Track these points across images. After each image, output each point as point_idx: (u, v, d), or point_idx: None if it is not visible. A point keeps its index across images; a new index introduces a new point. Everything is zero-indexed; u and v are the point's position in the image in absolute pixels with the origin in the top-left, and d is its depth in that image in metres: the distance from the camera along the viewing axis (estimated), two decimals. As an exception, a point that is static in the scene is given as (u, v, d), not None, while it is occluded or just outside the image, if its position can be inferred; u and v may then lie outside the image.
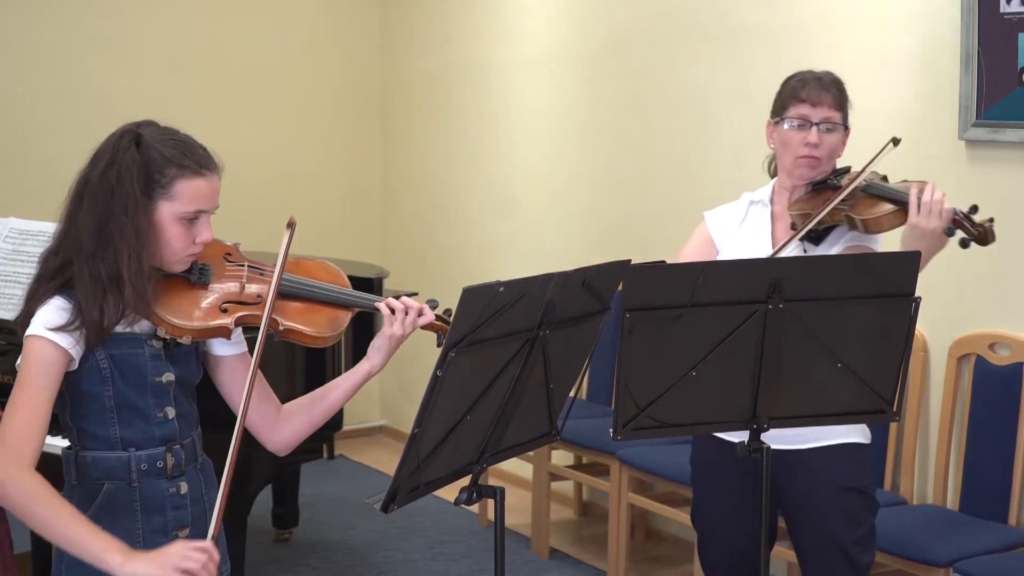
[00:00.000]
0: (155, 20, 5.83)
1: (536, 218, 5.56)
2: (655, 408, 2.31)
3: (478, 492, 2.13)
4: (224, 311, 2.15)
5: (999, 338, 3.64)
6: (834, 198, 2.68)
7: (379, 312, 2.24)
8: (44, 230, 3.50)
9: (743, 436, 2.70)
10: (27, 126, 5.55)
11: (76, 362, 2.07)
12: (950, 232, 2.56)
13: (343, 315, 2.25)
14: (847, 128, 2.81)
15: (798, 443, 2.75)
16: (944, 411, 3.75)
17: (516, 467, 5.17)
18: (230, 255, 2.25)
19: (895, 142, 2.75)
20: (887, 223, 2.65)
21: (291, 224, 2.16)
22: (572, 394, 2.33)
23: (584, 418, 4.52)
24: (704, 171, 4.65)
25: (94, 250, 2.06)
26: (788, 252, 2.72)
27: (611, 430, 2.33)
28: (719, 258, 2.86)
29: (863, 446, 2.81)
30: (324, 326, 2.23)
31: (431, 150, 6.25)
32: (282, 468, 4.46)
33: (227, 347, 2.26)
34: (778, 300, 2.26)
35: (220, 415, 2.29)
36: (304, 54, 6.25)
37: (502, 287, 1.95)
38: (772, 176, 2.94)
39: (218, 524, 2.02)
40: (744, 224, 2.89)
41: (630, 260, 2.24)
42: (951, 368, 3.74)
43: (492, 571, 2.21)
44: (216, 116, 5.51)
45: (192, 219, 2.11)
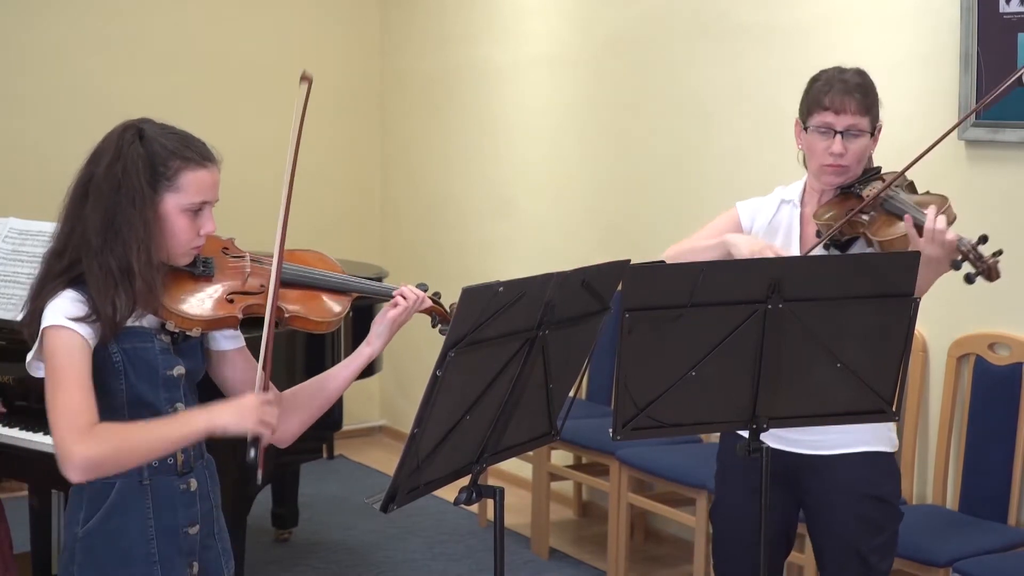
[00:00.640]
0: (155, 20, 5.83)
1: (535, 218, 5.56)
2: (655, 408, 2.31)
3: (478, 492, 2.13)
4: (230, 302, 2.19)
5: (999, 338, 3.64)
6: (855, 208, 2.65)
7: (382, 298, 2.35)
8: (44, 230, 3.49)
9: (765, 436, 2.69)
10: (27, 126, 5.55)
11: (91, 355, 2.08)
12: (956, 266, 2.54)
13: (344, 300, 2.33)
14: (876, 128, 2.74)
15: (823, 449, 2.73)
16: (944, 411, 3.75)
17: (516, 467, 5.17)
18: (227, 248, 2.29)
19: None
20: (899, 245, 2.60)
21: (306, 78, 2.17)
22: (572, 394, 2.33)
23: (584, 418, 4.52)
24: (703, 171, 4.65)
25: (102, 245, 2.08)
26: None
27: (611, 430, 2.32)
28: None
29: (888, 455, 2.78)
30: (327, 312, 2.30)
31: (430, 150, 6.25)
32: (282, 468, 4.46)
33: (229, 341, 2.29)
34: (778, 300, 2.26)
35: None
36: (304, 54, 6.24)
37: (501, 287, 1.95)
38: (807, 169, 2.87)
39: (267, 374, 2.11)
40: (773, 221, 2.86)
41: (629, 260, 2.24)
42: (951, 368, 3.74)
43: (492, 571, 2.21)
44: (216, 116, 5.51)
45: (196, 211, 2.14)
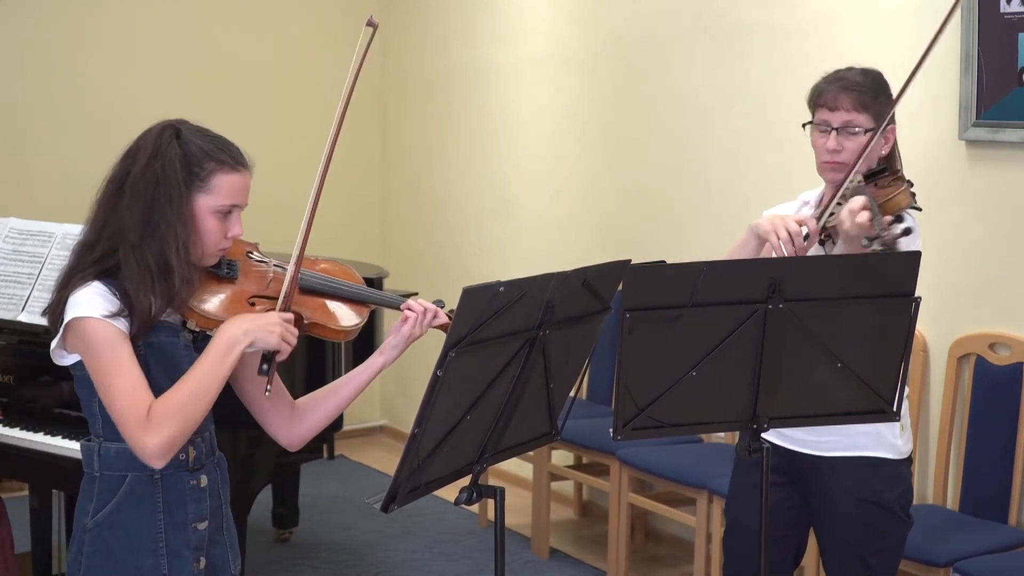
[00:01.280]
0: (154, 21, 5.83)
1: (535, 218, 5.56)
2: (655, 408, 2.31)
3: (478, 492, 2.13)
4: (252, 305, 2.21)
5: (999, 338, 3.64)
6: (831, 202, 2.64)
7: (395, 310, 2.35)
8: (44, 230, 3.50)
9: (769, 435, 2.68)
10: (26, 126, 5.55)
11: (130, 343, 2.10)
12: (868, 241, 2.46)
13: (363, 311, 2.36)
14: (878, 126, 2.68)
15: (826, 450, 2.73)
16: (944, 411, 3.75)
17: (516, 467, 5.17)
18: (251, 253, 2.32)
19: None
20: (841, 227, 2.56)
21: (372, 24, 2.20)
22: (572, 394, 2.33)
23: (584, 418, 4.52)
24: (703, 171, 4.65)
25: (139, 240, 2.10)
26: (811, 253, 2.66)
27: (611, 430, 2.32)
28: None
29: (891, 461, 2.73)
30: (345, 320, 2.32)
31: (430, 150, 6.25)
32: (282, 468, 4.46)
33: None
34: (778, 300, 2.26)
35: (228, 413, 2.32)
36: (304, 54, 6.24)
37: (502, 287, 1.95)
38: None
39: (285, 300, 2.15)
40: None
41: (630, 260, 2.24)
42: (951, 368, 3.74)
43: (492, 571, 2.21)
44: (215, 116, 5.41)
45: (226, 213, 2.16)
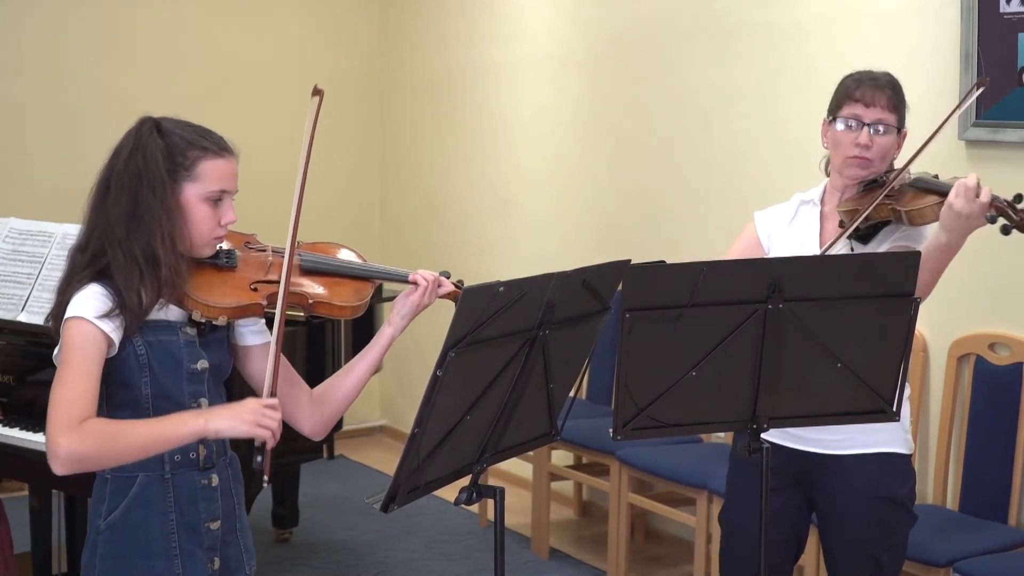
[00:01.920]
0: (154, 21, 5.83)
1: (535, 218, 5.56)
2: (655, 408, 2.31)
3: (478, 492, 2.13)
4: (254, 290, 2.22)
5: (999, 338, 3.64)
6: (883, 190, 2.64)
7: (402, 282, 2.37)
8: (44, 230, 3.50)
9: (774, 436, 2.67)
10: (26, 126, 5.55)
11: (116, 347, 2.11)
12: (992, 219, 2.48)
13: (366, 287, 2.36)
14: (901, 131, 2.75)
15: (838, 449, 2.73)
16: (944, 411, 3.75)
17: (516, 467, 5.17)
18: (249, 243, 2.34)
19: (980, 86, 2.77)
20: (931, 214, 2.58)
21: (318, 92, 2.18)
22: (572, 394, 2.33)
23: (584, 418, 4.52)
24: (703, 171, 4.65)
25: (126, 234, 2.11)
26: (836, 251, 2.68)
27: (611, 430, 2.32)
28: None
29: (904, 456, 2.77)
30: (350, 297, 2.33)
31: (430, 150, 6.25)
32: (282, 468, 4.46)
33: (255, 336, 2.31)
34: (778, 300, 2.26)
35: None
36: (304, 54, 6.24)
37: (502, 287, 1.95)
38: (827, 175, 2.88)
39: (274, 383, 2.11)
40: (793, 224, 2.86)
41: (630, 260, 2.24)
42: (951, 368, 3.74)
43: (492, 571, 2.21)
44: (215, 116, 5.41)
45: (217, 200, 2.17)
